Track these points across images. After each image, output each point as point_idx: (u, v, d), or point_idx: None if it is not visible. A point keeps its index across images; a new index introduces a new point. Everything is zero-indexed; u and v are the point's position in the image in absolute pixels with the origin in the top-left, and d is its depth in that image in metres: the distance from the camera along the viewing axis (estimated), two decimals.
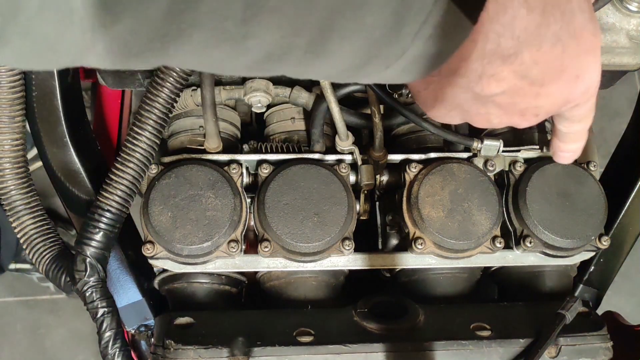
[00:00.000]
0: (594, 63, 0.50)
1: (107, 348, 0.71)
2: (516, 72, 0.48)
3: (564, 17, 0.46)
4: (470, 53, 0.46)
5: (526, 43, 0.46)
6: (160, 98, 0.69)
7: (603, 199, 0.76)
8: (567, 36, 0.47)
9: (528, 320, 0.73)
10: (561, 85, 0.51)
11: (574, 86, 0.51)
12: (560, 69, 0.49)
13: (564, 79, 0.50)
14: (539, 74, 0.49)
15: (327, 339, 0.69)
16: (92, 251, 0.70)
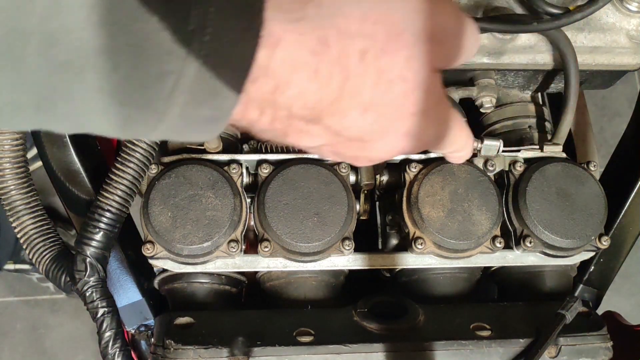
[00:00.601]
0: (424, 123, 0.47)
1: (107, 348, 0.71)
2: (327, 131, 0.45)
3: (376, 87, 0.43)
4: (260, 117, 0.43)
5: (325, 112, 0.43)
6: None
7: (603, 199, 0.76)
8: (382, 104, 0.44)
9: (528, 320, 0.73)
10: (388, 142, 0.48)
11: (404, 143, 0.48)
12: (382, 130, 0.46)
13: (390, 137, 0.47)
14: (354, 135, 0.46)
15: (327, 338, 0.69)
16: (92, 251, 0.70)
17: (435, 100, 0.47)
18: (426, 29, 0.44)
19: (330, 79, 0.41)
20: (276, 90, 0.40)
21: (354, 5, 0.42)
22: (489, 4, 0.81)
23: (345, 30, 0.41)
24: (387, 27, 0.42)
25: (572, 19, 0.75)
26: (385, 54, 0.42)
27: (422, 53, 0.44)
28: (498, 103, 0.88)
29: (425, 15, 0.44)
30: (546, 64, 0.83)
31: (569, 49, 0.79)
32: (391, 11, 0.43)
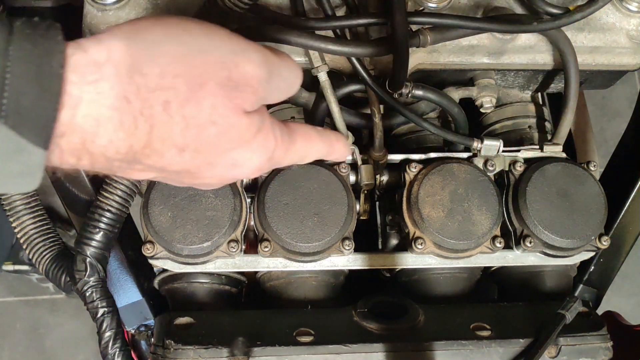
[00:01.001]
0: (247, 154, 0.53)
1: (107, 348, 0.71)
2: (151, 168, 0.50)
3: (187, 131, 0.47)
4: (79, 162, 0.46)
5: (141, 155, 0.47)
6: None
7: (603, 199, 0.76)
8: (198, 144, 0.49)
9: (528, 320, 0.73)
10: (218, 172, 0.53)
11: (235, 171, 0.54)
12: (207, 164, 0.51)
13: (218, 169, 0.53)
14: (180, 169, 0.51)
15: (327, 339, 0.69)
16: (92, 251, 0.70)
17: (252, 134, 0.52)
18: (232, 78, 0.49)
19: (136, 128, 0.45)
20: (85, 142, 0.44)
21: (152, 63, 0.46)
22: (489, 4, 0.81)
23: (143, 86, 0.45)
24: (188, 80, 0.47)
25: (572, 19, 0.75)
26: (189, 102, 0.47)
27: (229, 99, 0.49)
28: (498, 103, 0.88)
29: (230, 66, 0.49)
30: (546, 64, 0.83)
31: (569, 49, 0.79)
32: (192, 65, 0.47)
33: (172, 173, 0.52)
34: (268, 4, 0.78)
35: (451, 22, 0.73)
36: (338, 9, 0.78)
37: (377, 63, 0.81)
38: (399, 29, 0.68)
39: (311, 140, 0.63)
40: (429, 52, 0.80)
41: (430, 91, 0.79)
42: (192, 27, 0.49)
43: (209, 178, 0.54)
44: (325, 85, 0.76)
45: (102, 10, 0.75)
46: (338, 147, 0.68)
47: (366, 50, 0.72)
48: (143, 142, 0.47)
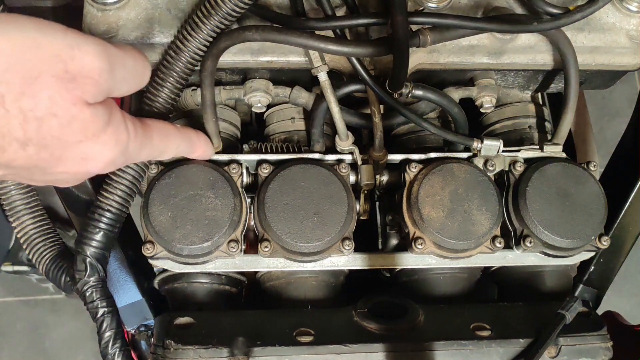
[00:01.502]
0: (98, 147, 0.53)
1: (107, 348, 0.71)
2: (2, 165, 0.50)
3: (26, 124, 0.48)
4: None
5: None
6: (160, 98, 0.69)
7: (603, 199, 0.76)
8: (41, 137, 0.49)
9: (528, 320, 0.73)
10: (69, 166, 0.53)
11: (88, 165, 0.54)
12: (55, 159, 0.51)
13: (68, 163, 0.53)
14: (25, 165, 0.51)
15: (327, 339, 0.69)
16: (92, 251, 0.70)
17: (99, 127, 0.52)
18: (68, 71, 0.49)
19: None
20: None
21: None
22: (489, 4, 0.81)
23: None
24: (21, 73, 0.47)
25: (572, 19, 0.75)
26: (24, 95, 0.47)
27: (66, 91, 0.49)
28: (498, 103, 0.88)
29: (65, 59, 0.49)
30: (546, 64, 0.83)
31: (569, 49, 0.79)
32: (24, 59, 0.48)
33: (20, 169, 0.52)
34: (268, 4, 0.78)
35: (451, 22, 0.73)
36: (338, 9, 0.78)
37: (377, 63, 0.81)
38: (399, 29, 0.68)
39: (169, 136, 0.64)
40: (429, 52, 0.80)
41: (430, 91, 0.79)
42: (24, 23, 0.49)
43: (61, 174, 0.54)
44: (325, 85, 0.76)
45: (102, 10, 0.75)
46: (199, 144, 0.70)
47: (366, 50, 0.72)
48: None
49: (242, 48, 0.76)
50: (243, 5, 0.68)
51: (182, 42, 0.70)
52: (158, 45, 0.75)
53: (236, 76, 0.83)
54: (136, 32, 0.75)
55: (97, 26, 0.75)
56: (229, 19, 0.69)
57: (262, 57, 0.78)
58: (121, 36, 0.75)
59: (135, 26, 0.75)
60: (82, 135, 0.51)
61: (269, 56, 0.78)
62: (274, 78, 0.83)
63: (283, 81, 0.84)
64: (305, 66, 0.79)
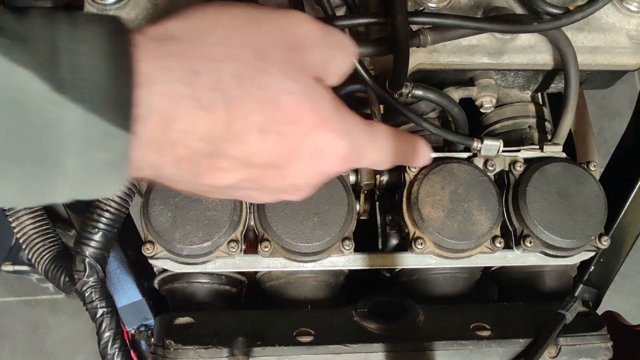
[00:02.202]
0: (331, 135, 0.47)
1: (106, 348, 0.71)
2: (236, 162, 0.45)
3: (264, 106, 0.43)
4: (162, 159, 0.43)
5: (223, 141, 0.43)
6: None
7: (603, 199, 0.76)
8: (278, 122, 0.44)
9: (528, 320, 0.73)
10: (303, 163, 0.47)
11: (321, 161, 0.48)
12: (291, 151, 0.46)
13: (303, 158, 0.47)
14: (265, 161, 0.46)
15: (327, 338, 0.69)
16: (91, 251, 0.70)
17: (331, 109, 0.47)
18: (293, 43, 0.46)
19: (213, 104, 0.42)
20: (166, 127, 0.41)
21: (212, 34, 0.44)
22: (489, 4, 0.81)
23: (212, 58, 0.42)
24: (252, 48, 0.44)
25: (572, 19, 0.75)
26: (259, 72, 0.43)
27: (298, 63, 0.45)
28: (498, 103, 0.88)
29: (287, 31, 0.46)
30: (546, 64, 0.83)
31: (569, 49, 0.79)
32: (253, 34, 0.45)
33: (259, 171, 0.46)
34: (268, 3, 0.78)
35: (451, 22, 0.73)
36: (338, 9, 0.78)
37: (377, 63, 0.81)
38: (400, 29, 0.68)
39: (394, 137, 0.55)
40: (429, 52, 0.80)
41: (430, 91, 0.79)
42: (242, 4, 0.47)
43: (296, 176, 0.48)
44: None
45: (102, 10, 0.75)
46: (422, 151, 0.59)
47: (366, 50, 0.72)
48: (223, 123, 0.43)
49: None
50: None
51: None
52: None
53: None
54: None
55: None
56: None
57: None
58: None
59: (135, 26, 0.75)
60: (316, 118, 0.46)
61: None
62: None
63: None
64: None
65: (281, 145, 0.45)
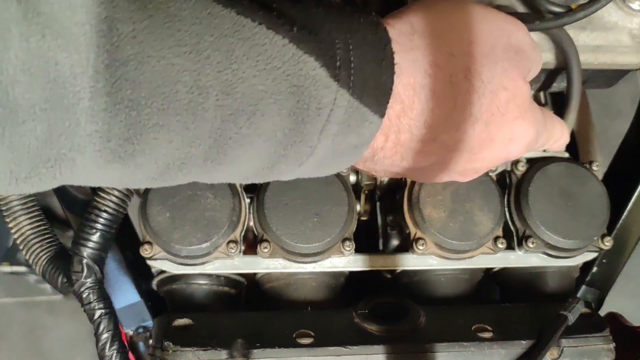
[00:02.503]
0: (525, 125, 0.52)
1: (104, 350, 0.70)
2: (441, 147, 0.50)
3: (482, 98, 0.48)
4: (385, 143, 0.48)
5: (442, 128, 0.48)
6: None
7: (606, 199, 0.76)
8: (489, 113, 0.49)
9: (530, 321, 0.73)
10: (495, 149, 0.52)
11: (510, 148, 0.53)
12: (489, 139, 0.51)
13: (496, 145, 0.52)
14: (465, 146, 0.51)
15: (327, 340, 0.68)
16: (89, 252, 0.70)
17: (529, 104, 0.52)
18: (512, 44, 0.51)
19: (444, 97, 0.47)
20: (402, 113, 0.46)
21: (450, 31, 0.48)
22: (491, 3, 0.80)
23: (449, 52, 0.47)
24: (480, 46, 0.48)
25: (575, 17, 0.74)
26: (484, 67, 0.48)
27: (514, 63, 0.50)
28: None
29: (508, 33, 0.51)
30: (548, 63, 0.82)
31: (571, 48, 0.78)
32: (481, 31, 0.49)
33: (455, 155, 0.51)
34: None
35: None
36: None
37: None
38: None
39: (553, 121, 0.61)
40: None
41: None
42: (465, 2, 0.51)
43: (483, 160, 0.53)
44: None
45: None
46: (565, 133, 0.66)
47: None
48: (447, 113, 0.47)
49: None
50: None
51: None
52: None
53: None
54: None
55: None
56: None
57: None
58: None
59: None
60: (519, 111, 0.51)
61: None
62: None
63: None
64: None
65: (484, 134, 0.50)
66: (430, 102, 0.46)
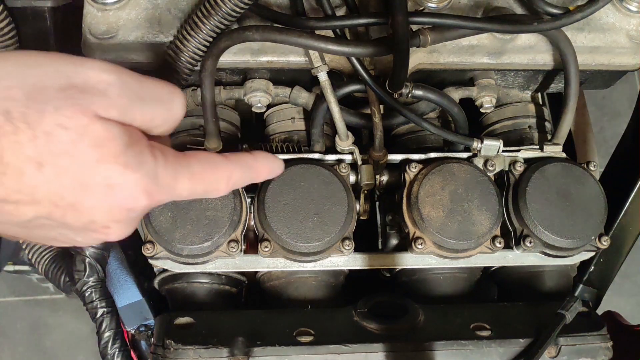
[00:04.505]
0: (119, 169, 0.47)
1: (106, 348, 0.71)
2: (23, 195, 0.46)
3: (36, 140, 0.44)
4: None
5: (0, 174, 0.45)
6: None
7: (603, 199, 0.76)
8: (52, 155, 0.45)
9: (528, 320, 0.73)
10: (98, 197, 0.48)
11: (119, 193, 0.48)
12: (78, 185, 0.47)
13: (95, 192, 0.47)
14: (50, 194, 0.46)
15: (327, 338, 0.69)
16: (91, 251, 0.70)
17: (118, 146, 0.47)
18: (72, 84, 0.46)
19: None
20: None
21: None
22: (489, 4, 0.81)
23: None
24: (24, 89, 0.45)
25: (572, 19, 0.75)
26: (30, 109, 0.45)
27: (73, 100, 0.46)
28: (498, 103, 0.88)
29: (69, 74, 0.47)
30: (546, 64, 0.83)
31: (569, 49, 0.79)
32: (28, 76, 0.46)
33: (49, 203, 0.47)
34: (268, 3, 0.78)
35: (451, 22, 0.73)
36: (338, 9, 0.78)
37: (377, 63, 0.81)
38: (400, 29, 0.68)
39: (214, 165, 0.56)
40: (429, 52, 0.80)
41: (430, 91, 0.79)
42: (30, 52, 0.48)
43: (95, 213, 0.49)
44: (325, 85, 0.76)
45: (102, 10, 0.75)
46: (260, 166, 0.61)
47: (366, 50, 0.72)
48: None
49: (242, 48, 0.76)
50: (243, 5, 0.68)
51: (181, 42, 0.70)
52: (158, 45, 0.75)
53: (236, 76, 0.83)
54: (136, 32, 0.75)
55: (97, 26, 0.75)
56: (229, 19, 0.69)
57: (262, 57, 0.78)
58: (121, 36, 0.75)
59: (135, 26, 0.75)
60: (98, 153, 0.46)
61: (269, 56, 0.78)
62: (274, 78, 0.83)
63: (283, 81, 0.84)
64: (305, 66, 0.79)
65: (65, 179, 0.46)
66: None
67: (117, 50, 0.75)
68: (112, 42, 0.75)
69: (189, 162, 0.53)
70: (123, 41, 0.75)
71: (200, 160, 0.54)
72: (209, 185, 0.55)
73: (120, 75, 0.49)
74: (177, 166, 0.52)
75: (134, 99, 0.49)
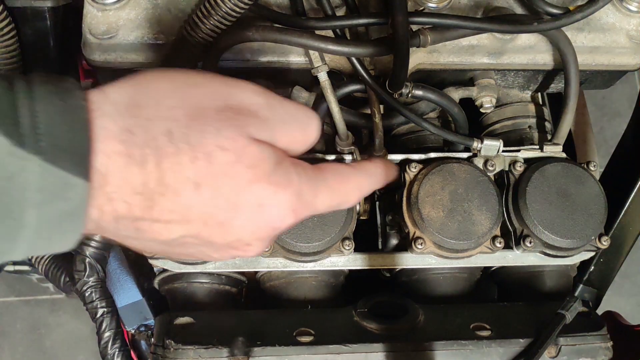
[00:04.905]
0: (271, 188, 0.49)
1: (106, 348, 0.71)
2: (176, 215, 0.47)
3: (197, 161, 0.46)
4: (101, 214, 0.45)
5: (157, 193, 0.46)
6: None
7: (603, 199, 0.76)
8: (212, 177, 0.46)
9: (528, 320, 0.73)
10: (247, 217, 0.49)
11: (265, 214, 0.49)
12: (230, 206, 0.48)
13: (244, 212, 0.49)
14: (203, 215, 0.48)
15: (327, 338, 0.69)
16: (91, 251, 0.70)
17: (270, 165, 0.49)
18: (228, 106, 0.48)
19: (145, 160, 0.44)
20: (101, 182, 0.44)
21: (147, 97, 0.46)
22: (489, 4, 0.81)
23: (143, 117, 0.45)
24: (185, 110, 0.46)
25: (572, 19, 0.75)
26: (192, 130, 0.46)
27: (231, 121, 0.47)
28: (498, 103, 0.88)
29: (225, 96, 0.49)
30: (546, 64, 0.83)
31: (569, 49, 0.79)
32: (188, 96, 0.47)
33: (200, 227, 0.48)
34: (268, 3, 0.78)
35: (451, 22, 0.73)
36: (338, 9, 0.78)
37: (377, 63, 0.81)
38: (400, 29, 0.68)
39: (345, 176, 0.57)
40: (429, 52, 0.80)
41: (430, 91, 0.79)
42: (185, 70, 0.50)
43: (240, 231, 0.50)
44: (325, 85, 0.76)
45: (102, 10, 0.75)
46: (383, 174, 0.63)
47: (366, 50, 0.72)
48: (155, 177, 0.45)
49: (242, 48, 0.76)
50: (243, 5, 0.68)
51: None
52: (158, 45, 0.75)
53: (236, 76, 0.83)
54: (136, 32, 0.75)
55: (97, 26, 0.75)
56: (229, 18, 0.69)
57: (262, 57, 0.78)
58: (121, 36, 0.75)
59: (135, 26, 0.75)
60: (252, 173, 0.48)
61: (269, 56, 0.78)
62: (274, 78, 0.83)
63: (283, 81, 0.84)
64: (305, 66, 0.79)
65: (219, 199, 0.47)
66: (131, 167, 0.44)
67: (117, 50, 0.75)
68: (112, 42, 0.75)
69: (325, 176, 0.54)
70: (123, 41, 0.75)
71: (333, 172, 0.56)
72: (343, 197, 0.56)
73: (268, 98, 0.51)
74: (316, 181, 0.53)
75: (279, 121, 0.51)
